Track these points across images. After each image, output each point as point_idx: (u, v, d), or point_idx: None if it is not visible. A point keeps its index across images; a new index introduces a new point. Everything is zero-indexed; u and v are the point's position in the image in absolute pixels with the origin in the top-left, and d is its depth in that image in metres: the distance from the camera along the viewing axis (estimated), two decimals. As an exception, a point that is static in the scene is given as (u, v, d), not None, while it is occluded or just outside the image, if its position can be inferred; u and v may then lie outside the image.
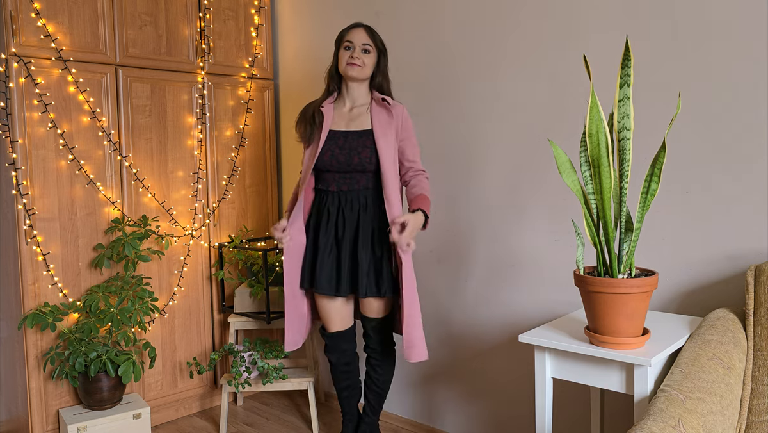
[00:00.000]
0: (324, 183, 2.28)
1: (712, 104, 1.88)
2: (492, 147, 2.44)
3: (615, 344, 1.54)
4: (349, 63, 2.20)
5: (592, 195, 1.60)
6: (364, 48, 2.21)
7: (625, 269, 1.58)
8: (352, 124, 2.26)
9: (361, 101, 2.29)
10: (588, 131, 1.52)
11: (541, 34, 2.26)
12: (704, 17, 1.88)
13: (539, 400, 1.73)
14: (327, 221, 2.26)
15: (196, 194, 2.98)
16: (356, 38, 2.21)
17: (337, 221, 2.25)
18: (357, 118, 2.27)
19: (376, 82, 2.28)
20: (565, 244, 2.24)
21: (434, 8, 2.59)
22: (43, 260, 2.51)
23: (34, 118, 2.47)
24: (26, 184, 2.46)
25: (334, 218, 2.25)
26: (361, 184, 2.24)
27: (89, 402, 2.55)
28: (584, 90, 2.13)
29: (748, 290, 1.65)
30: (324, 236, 2.25)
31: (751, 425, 1.55)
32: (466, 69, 2.50)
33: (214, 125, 3.04)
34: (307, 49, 3.18)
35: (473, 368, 2.57)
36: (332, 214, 2.25)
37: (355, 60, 2.19)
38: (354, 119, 2.27)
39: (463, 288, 2.56)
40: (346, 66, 2.21)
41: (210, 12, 2.99)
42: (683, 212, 1.96)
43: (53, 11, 2.50)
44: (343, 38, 2.24)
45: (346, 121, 2.27)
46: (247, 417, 2.99)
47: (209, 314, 3.05)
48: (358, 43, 2.20)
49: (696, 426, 1.22)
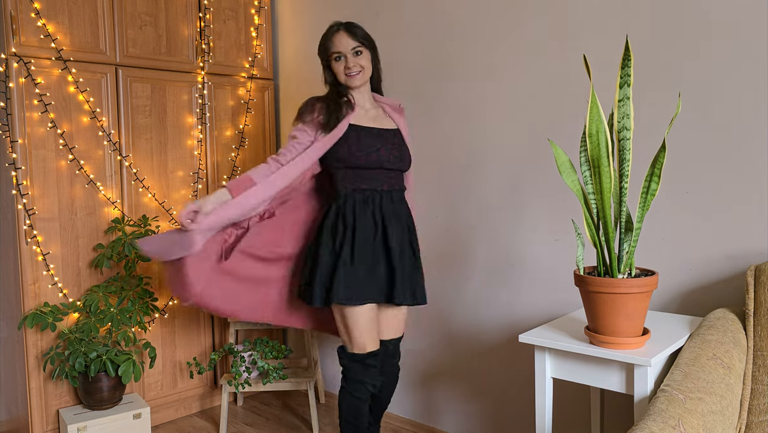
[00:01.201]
0: (369, 182, 2.07)
1: (712, 104, 1.88)
2: (492, 147, 2.43)
3: (615, 344, 1.54)
4: (348, 75, 2.07)
5: (592, 195, 1.60)
6: (355, 51, 2.07)
7: (625, 269, 1.57)
8: (377, 124, 2.15)
9: (371, 102, 2.19)
10: (588, 131, 1.52)
11: (541, 34, 2.26)
12: (704, 17, 1.88)
13: (539, 400, 1.73)
14: (373, 223, 2.05)
15: (196, 194, 2.98)
16: (342, 45, 2.06)
17: (384, 222, 2.06)
18: (377, 119, 2.17)
19: (374, 78, 2.18)
20: (565, 244, 2.24)
21: (434, 8, 2.59)
22: (43, 260, 2.51)
23: (34, 118, 2.47)
24: (26, 184, 2.46)
25: (379, 219, 2.06)
26: (401, 183, 2.16)
27: (89, 402, 2.55)
28: (584, 90, 2.13)
29: (748, 290, 1.65)
30: (368, 241, 2.03)
31: (751, 425, 1.55)
32: (466, 69, 2.50)
33: (214, 125, 3.04)
34: (307, 49, 3.18)
35: (473, 367, 2.57)
36: (377, 215, 2.06)
37: (353, 69, 2.06)
38: (375, 119, 2.16)
39: (463, 288, 2.56)
40: (347, 79, 2.08)
41: (210, 12, 2.99)
42: (683, 212, 1.96)
43: (53, 11, 2.50)
44: (328, 50, 2.09)
45: (371, 120, 2.14)
46: (247, 417, 2.99)
47: (209, 314, 3.05)
48: (347, 49, 2.06)
49: (696, 426, 1.22)
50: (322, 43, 2.11)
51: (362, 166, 2.05)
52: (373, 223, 2.06)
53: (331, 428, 2.84)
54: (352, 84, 2.10)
